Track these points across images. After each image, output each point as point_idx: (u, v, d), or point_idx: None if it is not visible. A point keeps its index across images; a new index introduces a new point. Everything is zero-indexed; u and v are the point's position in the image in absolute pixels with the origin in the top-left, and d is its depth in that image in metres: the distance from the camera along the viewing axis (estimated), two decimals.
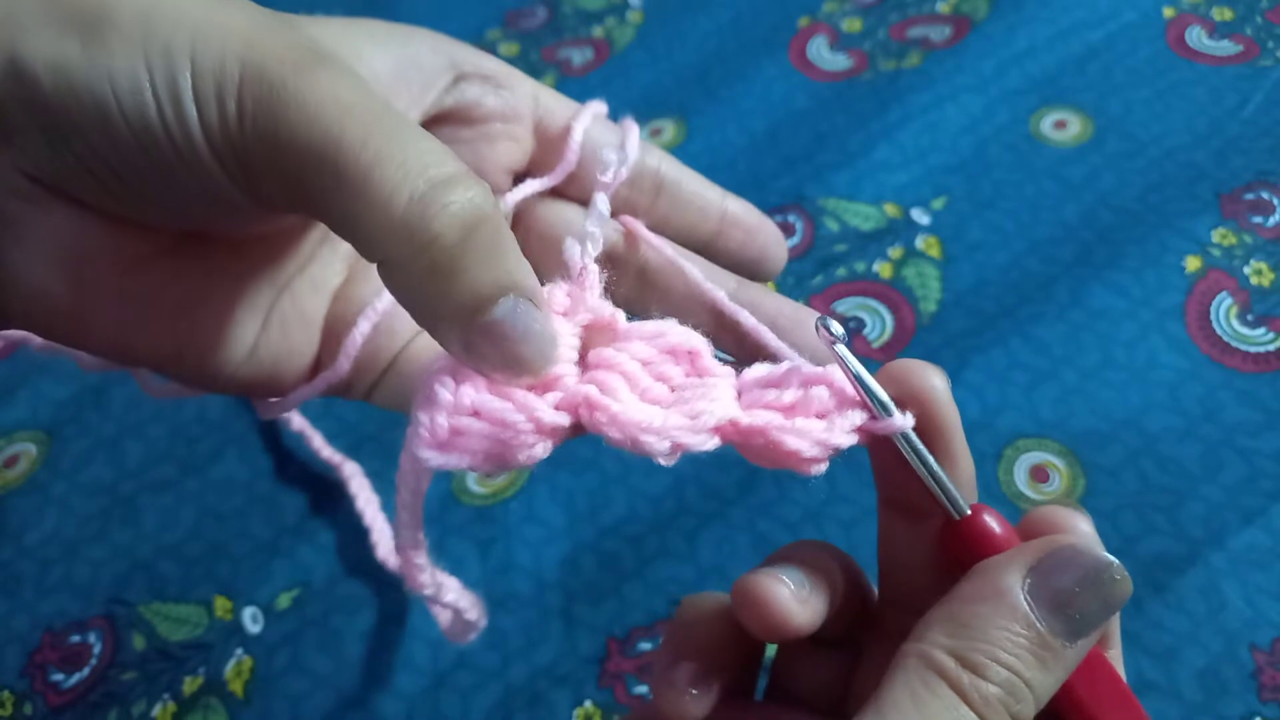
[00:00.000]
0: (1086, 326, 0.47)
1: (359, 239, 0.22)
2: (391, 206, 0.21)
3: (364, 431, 0.48)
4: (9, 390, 0.52)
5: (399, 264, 0.22)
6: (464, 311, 0.22)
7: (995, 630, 0.23)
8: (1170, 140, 0.54)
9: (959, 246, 0.52)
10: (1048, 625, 0.23)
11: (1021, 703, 0.23)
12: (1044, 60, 0.59)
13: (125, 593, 0.45)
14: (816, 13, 0.65)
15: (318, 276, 0.30)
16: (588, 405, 0.24)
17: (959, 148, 0.56)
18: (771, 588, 0.25)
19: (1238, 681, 0.38)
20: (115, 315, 0.25)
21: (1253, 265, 0.49)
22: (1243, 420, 0.44)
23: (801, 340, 0.32)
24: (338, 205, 0.22)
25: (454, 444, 0.23)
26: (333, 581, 0.44)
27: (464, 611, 0.29)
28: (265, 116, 0.22)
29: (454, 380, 0.23)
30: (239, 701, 0.42)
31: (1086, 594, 0.24)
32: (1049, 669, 0.23)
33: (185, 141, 0.22)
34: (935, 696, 0.22)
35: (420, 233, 0.21)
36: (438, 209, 0.21)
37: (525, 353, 0.23)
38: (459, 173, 0.22)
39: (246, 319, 0.28)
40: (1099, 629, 0.24)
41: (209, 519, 0.47)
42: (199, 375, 0.28)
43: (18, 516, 0.48)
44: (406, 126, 0.22)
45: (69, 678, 0.43)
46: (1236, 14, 0.59)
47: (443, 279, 0.22)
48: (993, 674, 0.23)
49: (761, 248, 0.35)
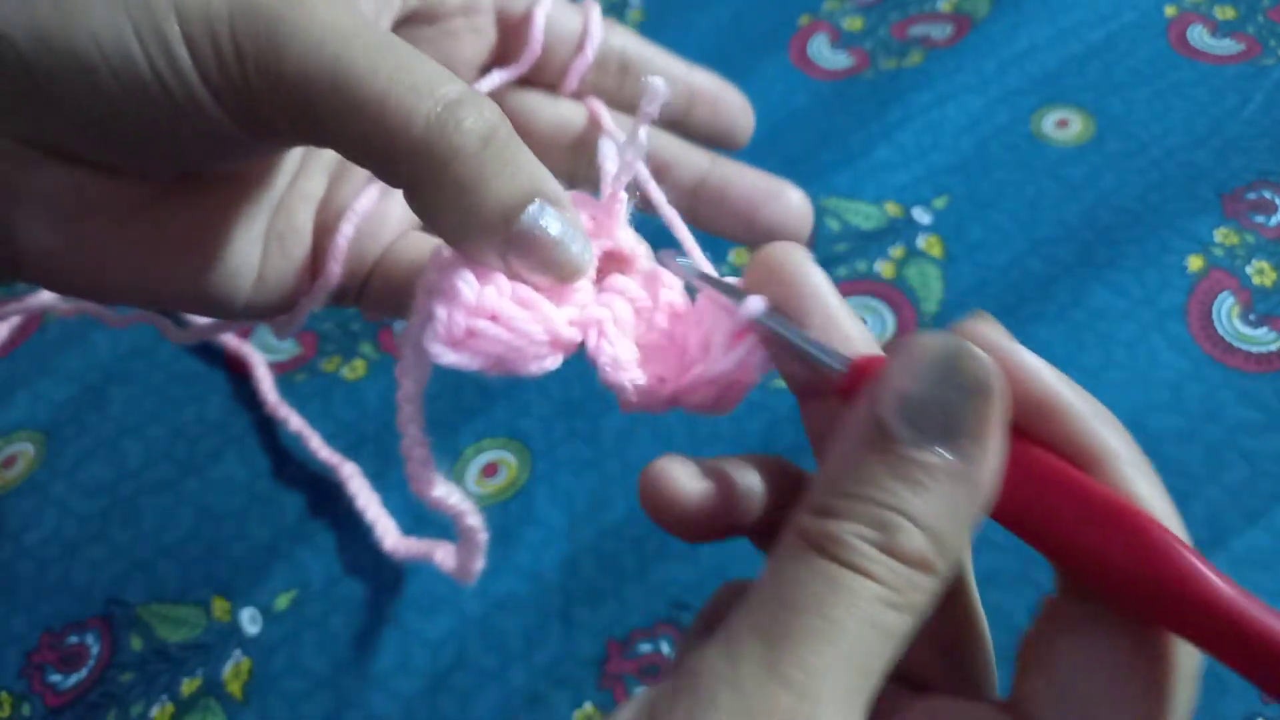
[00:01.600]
0: (1088, 326, 0.47)
1: (381, 165, 0.23)
2: (412, 128, 0.22)
3: (363, 431, 0.48)
4: (8, 390, 0.52)
5: (424, 184, 0.22)
6: (495, 221, 0.23)
7: (848, 467, 0.20)
8: (1172, 139, 0.54)
9: (960, 246, 0.52)
10: (906, 437, 0.19)
11: (897, 533, 0.19)
12: (1045, 59, 0.59)
13: (123, 593, 0.45)
14: (817, 11, 0.65)
15: (305, 188, 0.30)
16: (599, 331, 0.24)
17: (960, 147, 0.56)
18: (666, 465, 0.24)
19: (1239, 682, 0.38)
20: (123, 262, 0.26)
21: (1255, 265, 0.48)
22: (1245, 420, 0.44)
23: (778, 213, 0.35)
24: (354, 133, 0.22)
25: (467, 344, 0.23)
26: (331, 583, 0.44)
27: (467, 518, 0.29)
28: (267, 52, 0.22)
29: (477, 279, 0.23)
30: (237, 703, 0.42)
31: (936, 387, 0.20)
32: (929, 488, 0.19)
33: (183, 89, 0.22)
34: (792, 559, 0.19)
35: (441, 150, 0.22)
36: (454, 125, 0.22)
37: (561, 256, 0.23)
38: (467, 91, 0.23)
39: (249, 243, 0.28)
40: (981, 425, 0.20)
41: (207, 520, 0.47)
42: (216, 307, 0.28)
43: (16, 517, 0.48)
44: (406, 49, 0.23)
45: (67, 678, 0.43)
46: (1238, 13, 0.59)
47: (469, 192, 0.22)
48: (848, 511, 0.19)
49: (729, 118, 0.36)
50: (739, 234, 0.36)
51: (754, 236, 0.35)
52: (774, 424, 0.46)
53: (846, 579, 0.19)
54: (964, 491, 0.19)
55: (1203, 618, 0.19)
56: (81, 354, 0.53)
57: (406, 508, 0.45)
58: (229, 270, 0.28)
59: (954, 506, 0.19)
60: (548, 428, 0.48)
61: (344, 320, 0.53)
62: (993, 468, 0.20)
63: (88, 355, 0.53)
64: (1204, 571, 0.19)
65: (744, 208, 0.35)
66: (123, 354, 0.53)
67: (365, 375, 0.51)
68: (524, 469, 0.47)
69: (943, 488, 0.19)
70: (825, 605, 0.18)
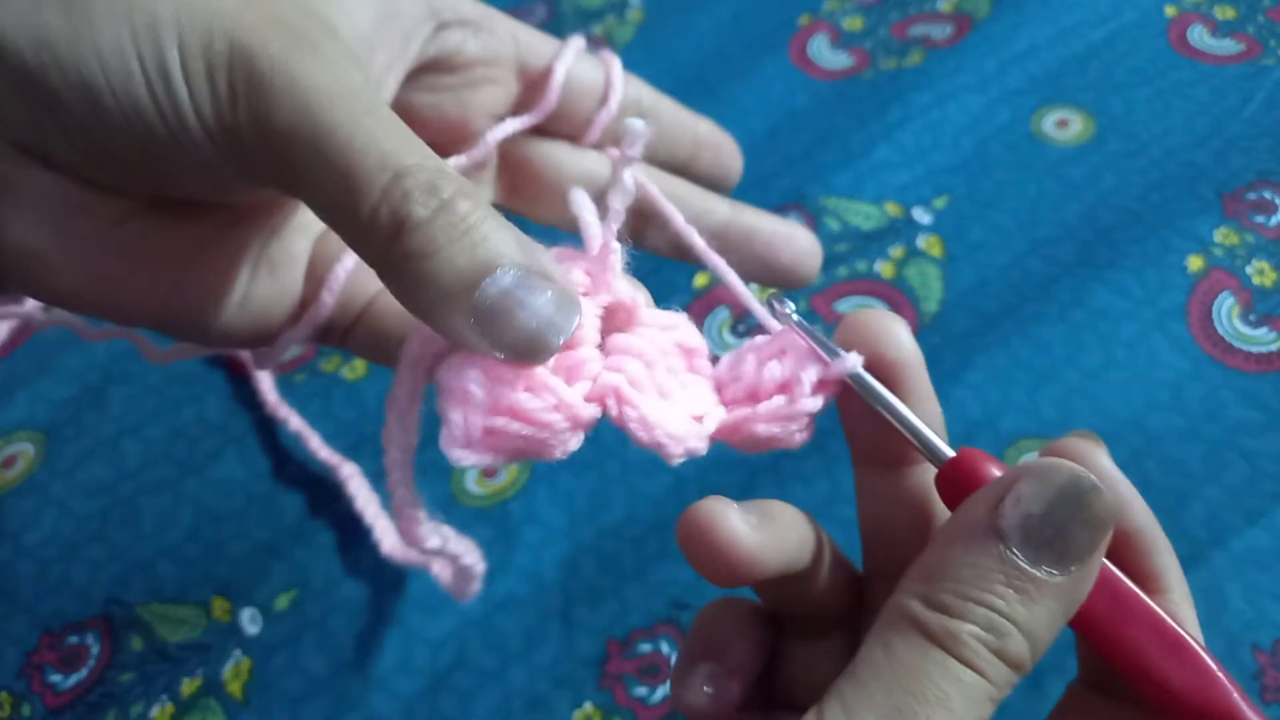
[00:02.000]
0: (1088, 326, 0.47)
1: (348, 234, 0.22)
2: (369, 198, 0.21)
3: (363, 431, 0.48)
4: (7, 390, 0.52)
5: (381, 255, 0.22)
6: (454, 291, 0.21)
7: (965, 568, 0.22)
8: (1172, 139, 0.54)
9: (960, 246, 0.52)
10: (1023, 553, 0.22)
11: (1007, 638, 0.21)
12: (1045, 59, 0.59)
13: (123, 593, 0.45)
14: (817, 11, 0.65)
15: (302, 221, 0.30)
16: (617, 398, 0.23)
17: (960, 147, 0.56)
18: (719, 511, 0.24)
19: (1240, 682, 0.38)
20: (106, 271, 0.25)
21: (1255, 265, 0.48)
22: (1245, 420, 0.44)
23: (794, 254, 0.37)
24: (325, 197, 0.22)
25: (485, 443, 0.22)
26: (331, 583, 0.44)
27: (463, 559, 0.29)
28: (257, 100, 0.22)
29: (487, 378, 0.22)
30: (237, 703, 0.42)
31: (1058, 513, 0.22)
32: (1036, 601, 0.21)
33: (177, 121, 0.22)
34: (909, 646, 0.21)
35: (391, 220, 0.21)
36: (400, 196, 0.21)
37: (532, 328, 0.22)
38: (426, 162, 0.22)
39: (236, 268, 0.28)
40: (1090, 552, 0.22)
41: (207, 520, 0.47)
42: (194, 328, 0.28)
43: (16, 517, 0.48)
44: (389, 120, 0.22)
45: (67, 678, 0.43)
46: (1239, 13, 0.59)
47: (422, 261, 0.21)
48: (965, 612, 0.21)
49: (728, 163, 0.38)
50: (759, 275, 0.38)
51: (772, 276, 0.38)
52: None
53: (966, 675, 0.21)
54: (1063, 606, 0.22)
55: None
56: (81, 354, 0.53)
57: None
58: (210, 290, 0.27)
59: (1053, 618, 0.22)
60: None
61: None
62: (1089, 587, 0.22)
63: (87, 355, 0.53)
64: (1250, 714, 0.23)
65: (765, 251, 0.37)
66: (122, 354, 0.53)
67: (365, 375, 0.51)
68: (524, 469, 0.47)
69: (1048, 602, 0.22)
70: (949, 699, 0.21)
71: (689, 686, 0.27)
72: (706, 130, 0.38)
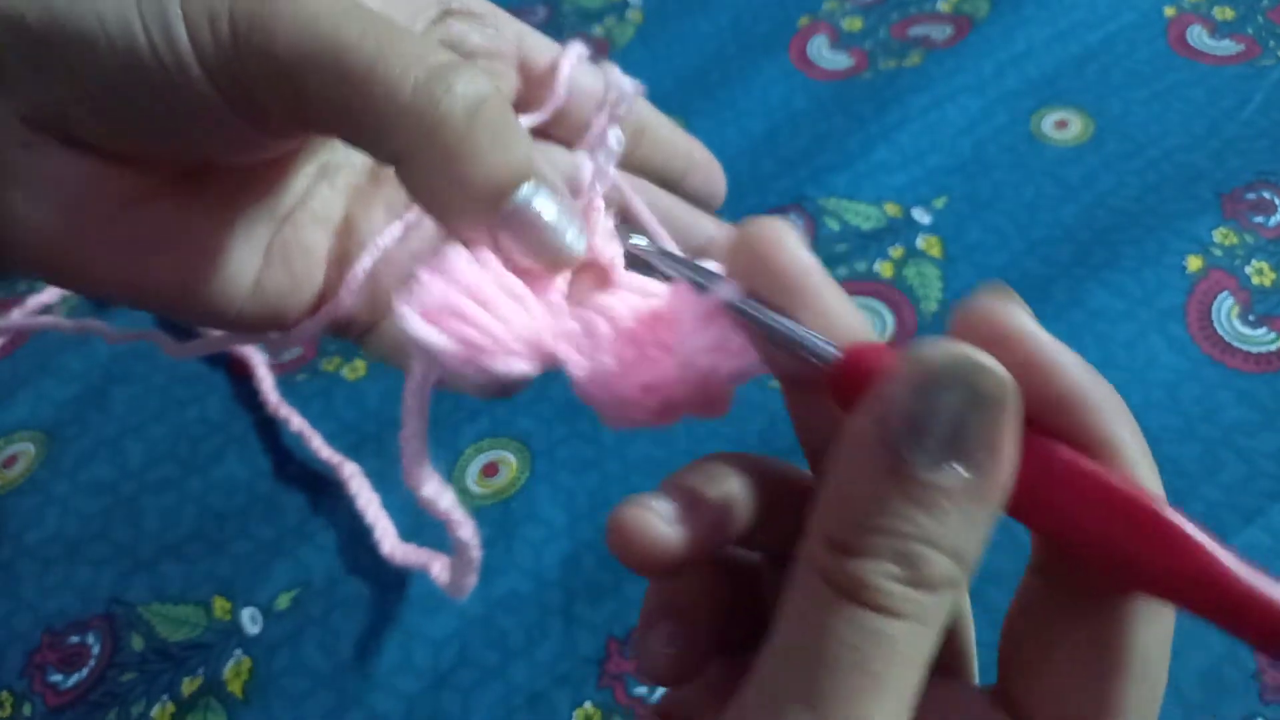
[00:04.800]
0: (1087, 326, 0.47)
1: (368, 137, 0.22)
2: (397, 95, 0.21)
3: (364, 431, 0.48)
4: (9, 390, 0.52)
5: (411, 154, 0.22)
6: (484, 198, 0.22)
7: (861, 495, 0.18)
8: (1171, 140, 0.54)
9: (959, 246, 0.52)
10: (920, 461, 0.18)
11: (923, 564, 0.18)
12: (1044, 60, 0.59)
13: (125, 593, 0.45)
14: (817, 12, 0.65)
15: (317, 210, 0.30)
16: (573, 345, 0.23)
17: (959, 147, 0.56)
18: (635, 517, 0.23)
19: (1239, 682, 0.38)
20: (119, 254, 0.26)
21: (1254, 265, 0.49)
22: (1243, 420, 0.44)
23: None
24: (343, 106, 0.22)
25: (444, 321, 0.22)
26: (332, 582, 0.44)
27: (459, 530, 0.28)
28: (260, 32, 0.22)
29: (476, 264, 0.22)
30: (238, 702, 0.42)
31: (946, 404, 0.18)
32: (950, 510, 0.18)
33: (179, 70, 0.22)
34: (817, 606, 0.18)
35: (428, 116, 0.21)
36: (441, 92, 0.21)
37: (554, 241, 0.23)
38: (456, 60, 0.22)
39: (248, 251, 0.28)
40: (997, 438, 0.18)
41: (208, 519, 0.47)
42: (206, 312, 0.28)
43: (17, 516, 0.48)
44: (398, 26, 0.23)
45: (68, 678, 0.43)
46: (1238, 13, 0.59)
47: (457, 163, 0.22)
48: (870, 548, 0.18)
49: (715, 185, 0.39)
50: None
51: None
52: (773, 423, 0.46)
53: (882, 626, 0.18)
54: (983, 507, 0.19)
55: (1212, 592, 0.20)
56: (83, 354, 0.53)
57: (406, 508, 0.45)
58: (222, 273, 0.27)
59: (974, 522, 0.19)
60: (548, 428, 0.48)
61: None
62: (1008, 474, 0.19)
63: (89, 355, 0.53)
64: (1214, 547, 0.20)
65: None
66: (124, 354, 0.53)
67: (366, 375, 0.51)
68: (524, 469, 0.47)
69: (965, 508, 0.18)
70: (867, 661, 0.18)
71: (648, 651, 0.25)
72: (699, 152, 0.38)
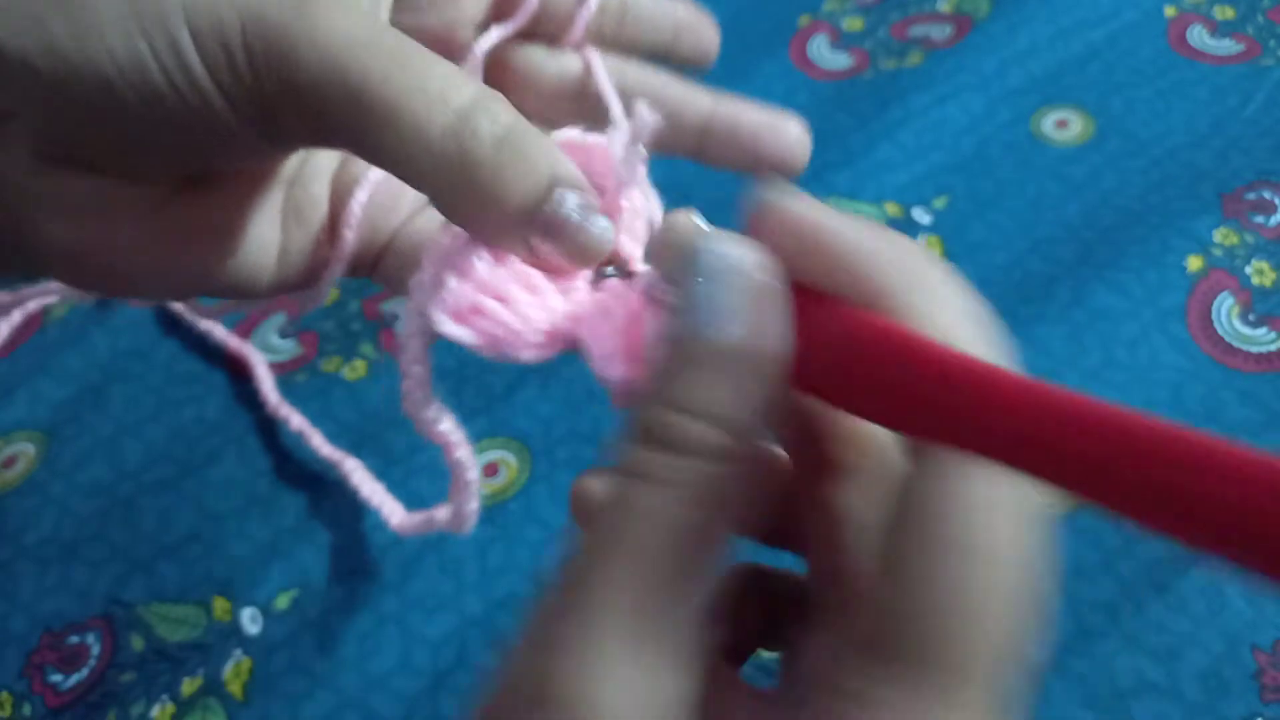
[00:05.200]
0: (1088, 326, 0.47)
1: (400, 173, 0.23)
2: (424, 140, 0.22)
3: (364, 432, 0.48)
4: (7, 390, 0.52)
5: (444, 191, 0.23)
6: (518, 218, 0.23)
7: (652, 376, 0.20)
8: (1172, 139, 0.54)
9: (960, 246, 0.52)
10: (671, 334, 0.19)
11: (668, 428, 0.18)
12: (1045, 59, 0.59)
13: (124, 593, 0.45)
14: (817, 11, 0.65)
15: (319, 162, 0.31)
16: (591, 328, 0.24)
17: (960, 147, 0.56)
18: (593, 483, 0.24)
19: (1239, 682, 0.38)
20: (144, 256, 0.26)
21: (1254, 265, 0.48)
22: (1244, 420, 0.44)
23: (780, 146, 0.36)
24: (370, 141, 0.22)
25: (470, 319, 0.23)
26: (332, 582, 0.44)
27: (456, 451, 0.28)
28: (278, 61, 0.22)
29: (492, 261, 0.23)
30: (237, 703, 0.42)
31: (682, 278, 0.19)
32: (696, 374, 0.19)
33: (200, 101, 0.22)
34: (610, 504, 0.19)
35: (458, 159, 0.22)
36: (470, 134, 0.22)
37: (583, 239, 0.23)
38: (480, 93, 0.23)
39: (268, 227, 0.29)
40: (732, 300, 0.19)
41: (207, 519, 0.47)
42: (243, 290, 0.29)
43: (16, 517, 0.48)
44: (417, 52, 0.23)
45: (68, 678, 0.43)
46: (1238, 13, 0.59)
47: (489, 196, 0.22)
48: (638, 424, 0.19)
49: (705, 45, 0.39)
50: (747, 167, 0.37)
51: (759, 168, 0.37)
52: None
53: (625, 488, 0.18)
54: (735, 365, 0.19)
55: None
56: (81, 354, 0.53)
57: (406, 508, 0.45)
58: (252, 252, 0.28)
59: (728, 382, 0.19)
60: (548, 428, 0.48)
61: (345, 320, 0.53)
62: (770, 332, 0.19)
63: (88, 355, 0.53)
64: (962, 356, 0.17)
65: (751, 143, 0.37)
66: (123, 353, 0.53)
67: (366, 375, 0.51)
68: (524, 469, 0.47)
69: (712, 370, 0.19)
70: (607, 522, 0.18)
71: None
72: (685, 13, 0.38)
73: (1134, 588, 0.40)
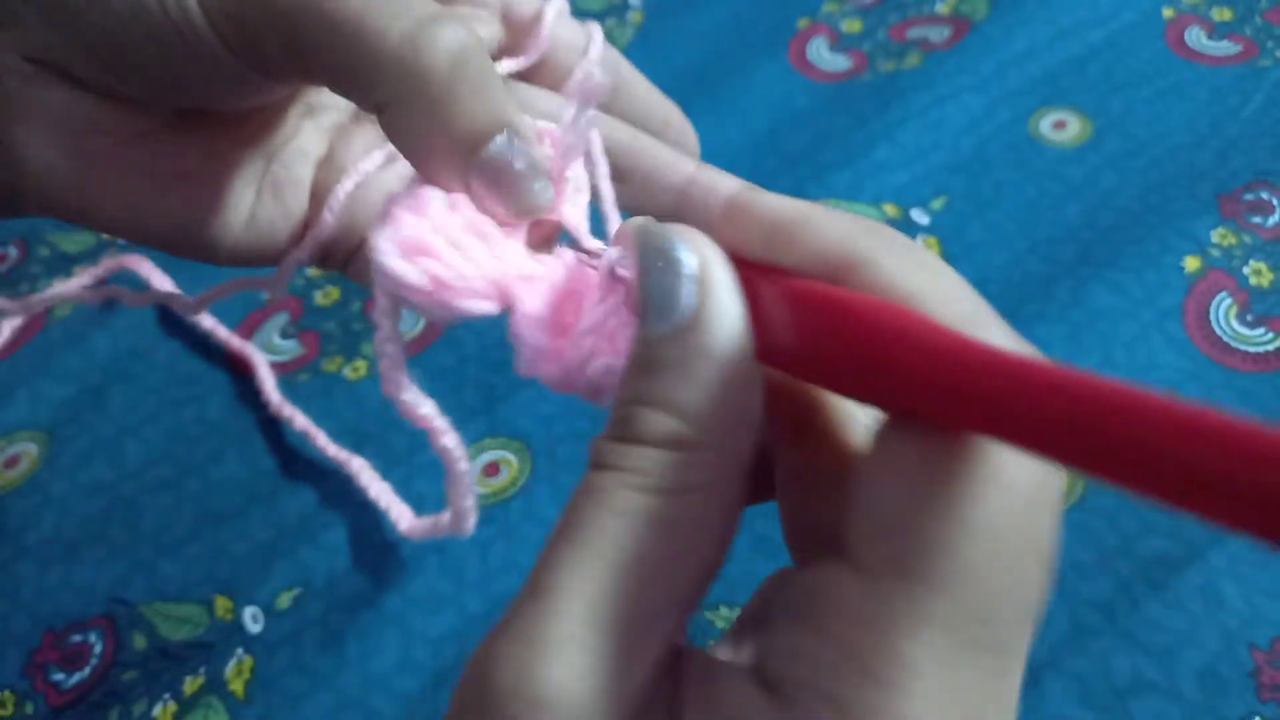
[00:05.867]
0: (1087, 326, 0.48)
1: (356, 86, 0.23)
2: (384, 45, 0.22)
3: (365, 431, 0.48)
4: (9, 390, 0.52)
5: (394, 102, 0.23)
6: (461, 146, 0.23)
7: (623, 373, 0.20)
8: (1170, 140, 0.54)
9: (959, 246, 0.52)
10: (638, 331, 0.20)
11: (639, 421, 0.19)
12: (1043, 60, 0.59)
13: (126, 592, 0.45)
14: (816, 13, 0.65)
15: (304, 145, 0.31)
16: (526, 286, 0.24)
17: (959, 148, 0.56)
18: None
19: (1237, 681, 0.38)
20: (119, 189, 0.27)
21: (1252, 265, 0.49)
22: None
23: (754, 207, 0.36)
24: (333, 55, 0.23)
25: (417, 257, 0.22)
26: (333, 581, 0.44)
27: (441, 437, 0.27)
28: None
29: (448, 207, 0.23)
30: (239, 701, 0.42)
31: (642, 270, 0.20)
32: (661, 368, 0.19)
33: (182, 16, 0.23)
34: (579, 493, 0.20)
35: (411, 65, 0.22)
36: (425, 42, 0.22)
37: (523, 189, 0.23)
38: (441, 11, 0.23)
39: (243, 187, 0.29)
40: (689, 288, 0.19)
41: (209, 519, 0.47)
42: (204, 247, 0.29)
43: (18, 516, 0.48)
44: None
45: (70, 677, 0.43)
46: (1236, 14, 0.59)
47: (437, 111, 0.22)
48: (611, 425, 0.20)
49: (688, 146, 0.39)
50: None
51: None
52: None
53: (591, 478, 0.19)
54: (700, 358, 0.19)
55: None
56: (82, 354, 0.53)
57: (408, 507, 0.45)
58: (221, 209, 0.29)
59: (694, 376, 0.19)
60: (548, 428, 0.48)
61: (346, 320, 0.53)
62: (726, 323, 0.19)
63: (89, 355, 0.53)
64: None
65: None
66: (124, 353, 0.53)
67: (367, 375, 0.51)
68: (524, 469, 0.47)
69: (676, 364, 0.19)
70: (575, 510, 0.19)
71: None
72: (675, 115, 0.39)
73: (1131, 586, 0.40)
